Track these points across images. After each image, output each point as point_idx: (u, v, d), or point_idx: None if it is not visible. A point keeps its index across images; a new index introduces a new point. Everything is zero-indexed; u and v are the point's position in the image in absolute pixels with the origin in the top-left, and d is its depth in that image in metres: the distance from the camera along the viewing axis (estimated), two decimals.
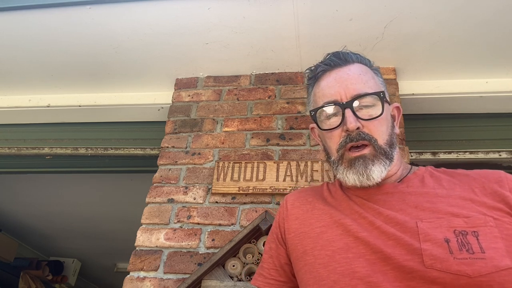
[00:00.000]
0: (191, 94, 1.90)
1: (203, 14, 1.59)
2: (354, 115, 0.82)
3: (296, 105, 1.77)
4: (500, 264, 0.63)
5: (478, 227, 0.68)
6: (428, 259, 0.67)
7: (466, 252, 0.66)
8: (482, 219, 0.70)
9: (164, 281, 1.41)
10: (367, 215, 0.79)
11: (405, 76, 1.83)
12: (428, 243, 0.68)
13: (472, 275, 0.63)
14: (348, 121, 0.82)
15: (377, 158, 0.82)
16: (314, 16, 1.57)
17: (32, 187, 3.13)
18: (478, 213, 0.71)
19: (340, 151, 0.84)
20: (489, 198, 0.75)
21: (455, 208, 0.73)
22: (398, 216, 0.75)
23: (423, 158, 1.78)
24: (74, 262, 4.47)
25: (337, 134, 0.85)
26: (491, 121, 1.86)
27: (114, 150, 2.06)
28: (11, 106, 2.15)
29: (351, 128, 0.81)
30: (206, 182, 1.62)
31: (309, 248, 0.81)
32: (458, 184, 0.80)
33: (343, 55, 0.91)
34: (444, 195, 0.77)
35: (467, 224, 0.69)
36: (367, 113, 0.84)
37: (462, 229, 0.69)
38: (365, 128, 0.83)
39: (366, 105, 0.84)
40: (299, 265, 0.83)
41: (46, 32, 1.71)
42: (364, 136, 0.82)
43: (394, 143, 0.87)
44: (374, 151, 0.82)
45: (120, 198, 3.16)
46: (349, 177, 0.83)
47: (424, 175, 0.85)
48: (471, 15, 1.51)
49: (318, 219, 0.85)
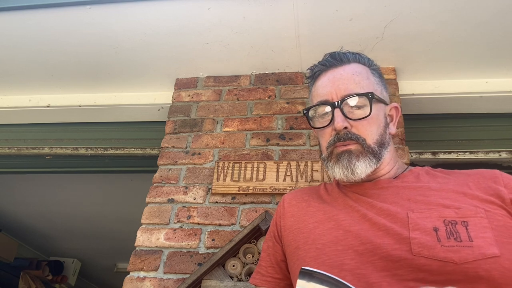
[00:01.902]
0: (191, 94, 1.90)
1: (203, 14, 1.59)
2: (343, 115, 0.85)
3: (296, 105, 1.77)
4: (487, 252, 0.64)
5: (468, 217, 0.70)
6: (416, 247, 0.68)
7: (454, 240, 0.66)
8: (473, 210, 0.71)
9: (164, 281, 1.41)
10: (361, 209, 0.80)
11: (405, 76, 1.83)
12: (417, 232, 0.70)
13: (458, 262, 0.64)
14: (335, 121, 0.85)
15: (363, 155, 0.84)
16: (314, 16, 1.57)
17: (32, 187, 3.13)
18: (469, 205, 0.72)
19: (329, 149, 0.87)
20: (482, 192, 0.76)
21: (447, 200, 0.74)
22: (390, 208, 0.77)
23: (423, 158, 1.78)
24: (74, 262, 4.47)
25: (327, 132, 0.88)
26: (491, 121, 1.86)
27: (114, 150, 2.06)
28: (11, 106, 2.15)
29: (338, 128, 0.84)
30: (206, 182, 1.62)
31: (301, 243, 0.83)
32: (453, 180, 0.81)
33: (339, 56, 0.93)
34: (437, 189, 0.79)
35: (457, 214, 0.70)
36: (357, 113, 0.86)
37: (452, 219, 0.70)
38: (353, 128, 0.85)
39: (356, 106, 0.86)
40: (292, 260, 0.84)
41: (46, 32, 1.71)
42: (351, 136, 0.84)
43: (386, 143, 0.88)
44: (361, 148, 0.84)
45: (120, 198, 3.16)
46: (336, 171, 0.86)
47: (420, 172, 0.87)
48: (471, 15, 1.51)
49: (311, 216, 0.87)
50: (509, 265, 0.63)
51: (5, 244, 3.89)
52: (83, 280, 5.06)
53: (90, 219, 3.61)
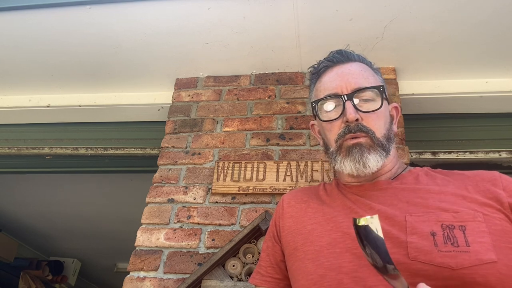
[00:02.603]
0: (191, 94, 1.90)
1: (203, 14, 1.59)
2: (354, 107, 0.85)
3: (296, 105, 1.77)
4: (484, 257, 0.64)
5: (466, 221, 0.69)
6: (413, 252, 0.67)
7: (451, 245, 0.66)
8: (471, 214, 0.70)
9: (164, 281, 1.41)
10: (359, 210, 0.80)
11: (405, 76, 1.83)
12: (414, 236, 0.69)
13: (455, 267, 0.63)
14: (348, 112, 0.84)
15: (373, 148, 0.84)
16: (314, 16, 1.57)
17: (32, 187, 3.13)
18: (468, 208, 0.72)
19: (339, 142, 0.87)
20: (481, 195, 0.75)
21: (446, 203, 0.74)
22: (388, 210, 0.76)
23: (423, 158, 1.78)
24: (74, 262, 4.47)
25: (337, 125, 0.88)
26: (491, 121, 1.85)
27: (114, 150, 2.06)
28: (11, 106, 2.15)
29: (350, 119, 0.84)
30: (206, 182, 1.62)
31: (300, 245, 0.83)
32: (452, 182, 0.81)
33: (346, 53, 0.95)
34: (436, 191, 0.78)
35: (455, 218, 0.70)
36: (367, 106, 0.86)
37: (450, 223, 0.69)
38: (363, 121, 0.85)
39: (366, 99, 0.87)
40: (291, 261, 0.84)
41: (46, 32, 1.71)
42: (362, 128, 0.84)
43: (392, 139, 0.89)
44: (371, 142, 0.84)
45: (120, 198, 3.16)
46: (346, 165, 0.85)
47: (419, 173, 0.87)
48: (471, 15, 1.51)
49: (310, 217, 0.87)
50: (506, 270, 0.63)
51: (5, 244, 3.89)
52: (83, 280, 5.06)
53: (90, 219, 3.61)
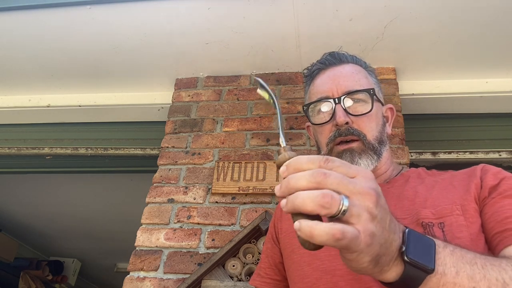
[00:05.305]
0: (191, 94, 1.90)
1: (203, 14, 1.59)
2: (344, 110, 0.85)
3: (296, 105, 1.77)
4: None
5: (444, 217, 0.70)
6: None
7: None
8: (449, 209, 0.71)
9: (164, 281, 1.41)
10: None
11: (405, 76, 1.82)
12: None
13: None
14: (337, 115, 0.85)
15: (364, 152, 0.84)
16: (314, 16, 1.57)
17: (32, 187, 3.12)
18: (448, 203, 0.73)
19: (329, 145, 0.86)
20: (463, 188, 0.76)
21: (428, 201, 0.75)
22: None
23: (423, 158, 1.78)
24: (74, 262, 4.47)
25: (327, 128, 0.88)
26: (491, 121, 1.86)
27: (114, 150, 2.06)
28: (11, 106, 2.15)
29: (340, 123, 0.84)
30: (206, 182, 1.62)
31: (296, 247, 0.83)
32: (439, 182, 0.81)
33: (338, 55, 0.94)
34: (423, 191, 0.79)
35: (434, 215, 0.71)
36: (358, 109, 0.86)
37: (429, 221, 0.70)
38: (354, 124, 0.85)
39: (357, 102, 0.87)
40: (288, 263, 0.85)
41: (46, 32, 1.71)
42: (352, 131, 0.84)
43: (384, 141, 0.89)
44: (363, 146, 0.84)
45: (120, 198, 3.16)
46: None
47: (411, 175, 0.87)
48: (471, 15, 1.51)
49: None
50: None
51: (5, 244, 3.89)
52: (83, 280, 5.06)
53: (90, 219, 3.61)
